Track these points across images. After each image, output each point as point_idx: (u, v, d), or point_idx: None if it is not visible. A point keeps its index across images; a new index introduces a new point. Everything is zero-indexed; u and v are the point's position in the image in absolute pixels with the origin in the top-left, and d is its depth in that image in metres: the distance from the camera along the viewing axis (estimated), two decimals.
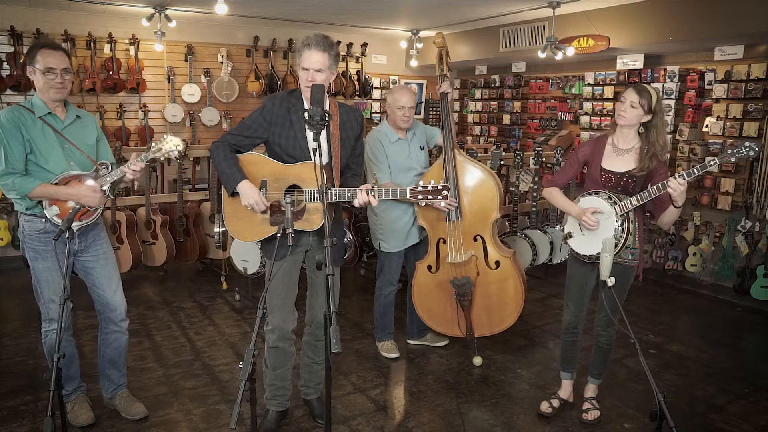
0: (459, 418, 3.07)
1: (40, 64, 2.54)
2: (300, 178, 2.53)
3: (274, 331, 2.72)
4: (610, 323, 2.95)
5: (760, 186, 4.71)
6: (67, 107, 2.72)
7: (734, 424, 3.09)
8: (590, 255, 2.83)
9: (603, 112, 6.01)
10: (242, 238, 2.72)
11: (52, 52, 2.57)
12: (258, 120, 2.59)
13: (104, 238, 2.87)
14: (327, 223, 1.98)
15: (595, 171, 2.86)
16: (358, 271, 5.71)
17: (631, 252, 2.83)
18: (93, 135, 2.80)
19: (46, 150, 2.60)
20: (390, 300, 3.79)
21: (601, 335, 3.01)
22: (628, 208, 2.69)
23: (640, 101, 2.69)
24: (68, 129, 2.68)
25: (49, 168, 2.61)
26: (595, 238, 2.77)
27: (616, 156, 2.82)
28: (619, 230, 2.71)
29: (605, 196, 2.76)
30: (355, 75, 7.17)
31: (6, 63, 5.38)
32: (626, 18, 5.10)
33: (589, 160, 2.91)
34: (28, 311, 4.52)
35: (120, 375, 3.01)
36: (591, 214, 2.76)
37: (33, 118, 2.60)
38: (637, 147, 2.78)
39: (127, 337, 2.97)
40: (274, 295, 2.67)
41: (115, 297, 2.86)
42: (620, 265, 2.82)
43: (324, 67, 2.47)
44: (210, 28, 6.40)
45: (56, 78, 2.57)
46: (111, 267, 2.86)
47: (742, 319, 4.76)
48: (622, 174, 2.78)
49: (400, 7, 5.62)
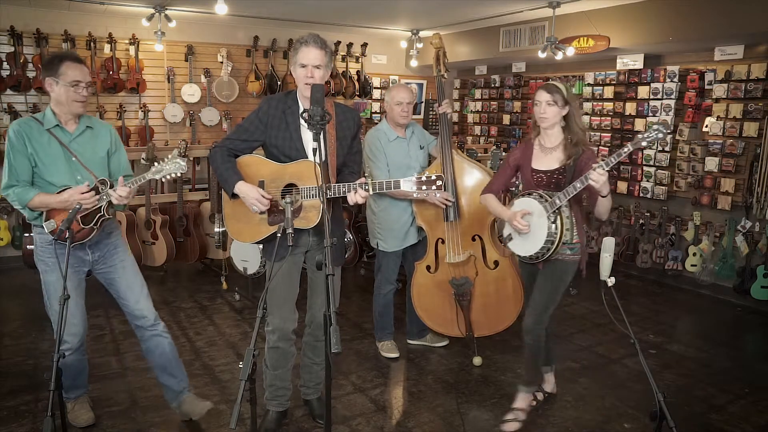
0: (459, 418, 3.07)
1: (65, 77, 2.51)
2: (296, 177, 2.54)
3: (275, 331, 2.72)
4: (537, 321, 2.89)
5: (760, 186, 4.71)
6: (80, 119, 2.66)
7: (734, 424, 3.09)
8: (528, 256, 2.83)
9: (603, 112, 6.01)
10: (242, 239, 2.73)
11: (78, 65, 2.55)
12: (255, 122, 2.62)
13: (120, 246, 2.80)
14: (327, 223, 1.98)
15: (527, 173, 2.89)
16: (358, 271, 5.71)
17: (569, 247, 2.81)
18: (104, 147, 2.71)
19: (50, 163, 2.57)
20: (389, 299, 3.79)
21: (525, 332, 2.94)
22: (557, 205, 2.68)
23: (553, 98, 2.73)
24: (76, 141, 2.63)
25: (54, 182, 2.57)
26: (530, 239, 2.80)
27: (545, 155, 2.85)
28: (553, 227, 2.70)
29: (537, 195, 2.77)
30: (355, 75, 7.17)
31: (6, 63, 5.38)
32: (626, 18, 5.10)
33: (521, 163, 2.93)
34: (28, 311, 4.52)
35: (177, 381, 2.89)
36: (521, 217, 2.77)
37: (41, 131, 2.57)
38: (562, 142, 2.81)
39: (169, 340, 2.86)
40: (274, 296, 2.67)
41: (139, 305, 2.78)
42: (560, 261, 2.82)
43: (322, 64, 2.50)
44: (210, 28, 6.40)
45: (82, 91, 2.55)
46: (130, 275, 2.79)
47: (742, 319, 4.76)
48: (552, 172, 2.81)
49: (400, 7, 5.62)
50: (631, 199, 5.83)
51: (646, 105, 5.57)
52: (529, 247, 2.81)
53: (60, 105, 2.58)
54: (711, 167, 5.09)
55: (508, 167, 3.01)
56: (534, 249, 2.78)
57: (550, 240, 2.72)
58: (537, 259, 2.81)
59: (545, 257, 2.78)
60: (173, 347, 2.89)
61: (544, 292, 2.89)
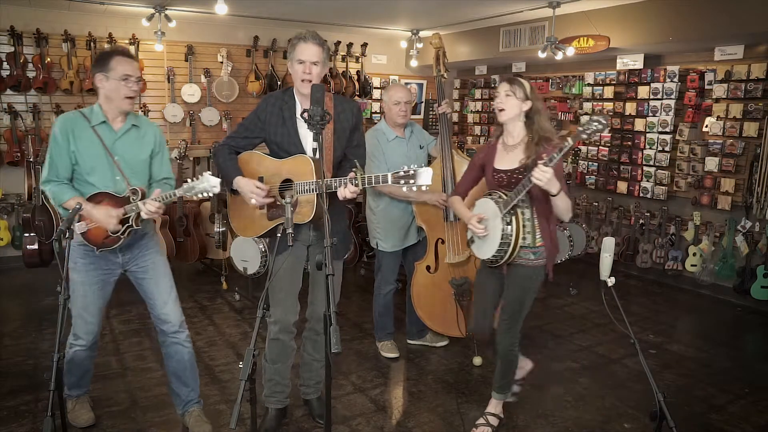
0: (459, 418, 3.07)
1: (116, 72, 2.48)
2: (292, 173, 2.56)
3: (276, 323, 2.75)
4: (509, 329, 2.80)
5: (760, 186, 4.71)
6: (128, 116, 2.62)
7: (734, 424, 3.09)
8: (485, 259, 2.75)
9: (603, 112, 6.00)
10: (245, 234, 2.79)
11: (129, 60, 2.52)
12: (254, 120, 2.67)
13: (153, 248, 2.76)
14: (327, 223, 1.97)
15: (489, 173, 2.80)
16: (358, 271, 5.71)
17: (533, 251, 2.70)
18: (148, 148, 2.66)
19: (90, 162, 2.53)
20: (389, 299, 3.79)
21: (499, 343, 2.86)
22: (510, 204, 2.57)
23: (511, 89, 2.65)
24: (120, 141, 2.58)
25: (93, 181, 2.55)
26: (487, 241, 2.71)
27: (507, 153, 2.75)
28: (508, 229, 2.60)
29: (497, 196, 2.67)
30: (355, 75, 7.16)
31: (6, 63, 5.38)
32: (626, 18, 5.10)
33: (485, 163, 2.83)
34: (28, 311, 4.53)
35: (188, 391, 2.85)
36: (477, 221, 2.70)
37: (85, 127, 2.53)
38: (525, 140, 2.70)
39: (189, 350, 2.82)
40: (277, 289, 2.72)
41: (164, 309, 2.73)
42: (523, 266, 2.71)
43: (319, 61, 2.53)
44: (210, 28, 6.39)
45: (132, 86, 2.52)
46: (161, 278, 2.74)
47: (742, 319, 4.76)
48: (512, 171, 2.70)
49: (400, 7, 5.62)
50: (631, 199, 5.83)
51: (646, 105, 5.57)
52: (486, 250, 2.71)
53: (109, 101, 2.54)
54: (711, 167, 5.09)
55: (474, 167, 2.91)
56: (490, 252, 2.68)
57: (505, 242, 2.61)
58: (496, 262, 2.71)
59: (504, 260, 2.67)
60: (192, 357, 2.84)
61: (512, 301, 2.78)
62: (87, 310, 2.67)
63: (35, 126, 5.50)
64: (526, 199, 2.64)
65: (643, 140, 5.65)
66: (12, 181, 5.51)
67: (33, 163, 4.83)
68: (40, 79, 5.48)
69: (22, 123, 5.42)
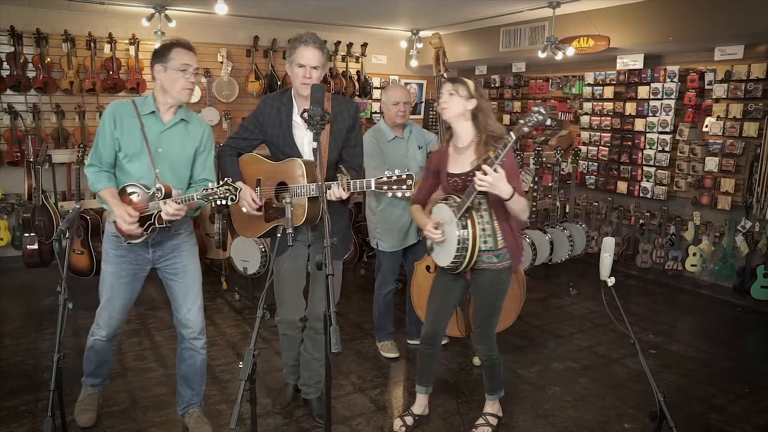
0: (459, 418, 3.07)
1: (174, 62, 2.46)
2: (286, 176, 2.59)
3: (282, 322, 2.94)
4: (485, 335, 2.76)
5: (760, 186, 4.71)
6: (179, 110, 2.59)
7: (734, 424, 3.09)
8: (446, 266, 2.66)
9: (603, 112, 6.01)
10: (244, 234, 2.86)
11: (188, 51, 2.50)
12: (253, 122, 2.72)
13: (186, 251, 2.70)
14: (327, 223, 1.98)
15: (443, 178, 2.72)
16: (358, 271, 5.71)
17: (495, 254, 2.62)
18: (193, 144, 2.60)
19: (132, 152, 2.50)
20: (389, 300, 3.79)
21: (478, 350, 2.83)
22: (462, 208, 2.51)
23: (454, 87, 2.57)
24: (167, 133, 2.54)
25: (131, 171, 2.52)
26: (445, 248, 2.63)
27: (459, 156, 2.67)
28: (464, 233, 2.52)
29: (452, 200, 2.60)
30: (355, 75, 7.16)
31: (6, 63, 5.38)
32: (626, 18, 5.10)
33: (439, 168, 2.74)
34: (28, 311, 4.53)
35: (193, 394, 2.85)
36: (433, 227, 2.64)
37: (133, 116, 2.51)
38: (475, 141, 2.64)
39: (203, 357, 2.80)
40: (280, 289, 2.84)
41: (188, 315, 2.70)
42: (488, 271, 2.65)
43: (319, 64, 2.54)
44: (210, 28, 6.39)
45: (190, 77, 2.49)
46: (189, 283, 2.70)
47: (742, 319, 4.76)
48: (466, 174, 2.60)
49: (400, 7, 5.62)
50: (631, 199, 5.83)
51: (646, 105, 5.57)
52: (445, 257, 2.63)
53: (164, 93, 2.52)
54: (711, 167, 5.09)
55: (429, 174, 2.83)
56: (449, 258, 2.59)
57: (462, 247, 2.53)
58: (456, 269, 2.61)
59: (464, 266, 2.59)
60: (204, 364, 2.84)
61: (483, 307, 2.73)
62: (112, 304, 2.67)
63: (35, 126, 5.50)
64: (483, 202, 2.59)
65: (643, 140, 5.65)
66: (12, 181, 5.51)
67: (33, 163, 4.82)
68: (40, 79, 5.49)
69: (22, 123, 5.42)
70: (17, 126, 5.41)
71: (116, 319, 2.73)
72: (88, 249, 4.65)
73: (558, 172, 5.22)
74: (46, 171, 4.89)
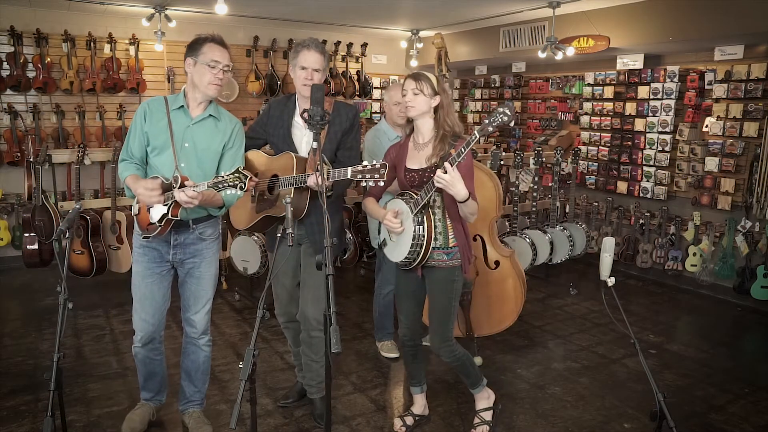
0: (459, 418, 3.07)
1: (205, 56, 2.47)
2: (279, 169, 2.68)
3: (280, 316, 3.02)
4: (442, 335, 2.71)
5: (760, 186, 4.71)
6: (210, 106, 2.59)
7: (734, 424, 3.09)
8: (398, 262, 2.66)
9: (603, 112, 6.01)
10: (237, 225, 2.97)
11: (220, 47, 2.50)
12: (259, 122, 2.90)
13: (208, 258, 2.69)
14: (327, 223, 1.98)
15: (401, 172, 2.70)
16: (358, 271, 5.71)
17: (446, 252, 2.61)
18: (221, 139, 2.58)
19: (158, 145, 2.52)
20: (389, 300, 3.79)
21: (438, 355, 2.77)
22: (419, 204, 2.49)
23: (419, 86, 2.52)
24: (194, 128, 2.55)
25: (157, 164, 2.53)
26: (400, 242, 2.62)
27: (418, 152, 2.65)
28: (419, 229, 2.51)
29: (408, 196, 2.59)
30: (355, 75, 7.16)
31: (6, 63, 5.38)
32: (626, 18, 5.10)
33: (396, 162, 2.72)
34: (28, 311, 4.52)
35: (194, 391, 2.85)
36: (393, 216, 2.60)
37: (163, 112, 2.53)
38: (433, 137, 2.62)
39: (206, 354, 2.82)
40: (275, 285, 2.94)
41: (195, 317, 2.73)
42: (438, 268, 2.63)
43: (321, 68, 2.65)
44: (210, 28, 6.28)
45: (218, 73, 2.48)
46: (202, 288, 2.70)
47: (742, 319, 4.76)
48: (423, 170, 2.59)
49: (400, 7, 5.62)
50: (631, 199, 5.83)
51: (646, 105, 5.57)
52: (399, 252, 2.62)
53: (194, 87, 2.53)
54: (711, 167, 5.09)
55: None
56: (403, 254, 2.59)
57: (417, 243, 2.52)
58: (409, 264, 2.61)
59: (417, 263, 2.58)
60: (207, 360, 2.84)
61: (437, 308, 2.70)
62: (142, 305, 2.66)
63: (35, 126, 5.50)
64: (438, 199, 2.58)
65: (643, 140, 5.65)
66: (12, 181, 5.51)
67: (33, 163, 4.82)
68: (40, 79, 5.49)
69: (22, 123, 5.42)
70: (17, 126, 5.41)
71: (149, 323, 2.69)
72: (88, 249, 4.64)
73: (558, 172, 5.22)
74: (46, 171, 4.89)
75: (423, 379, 2.99)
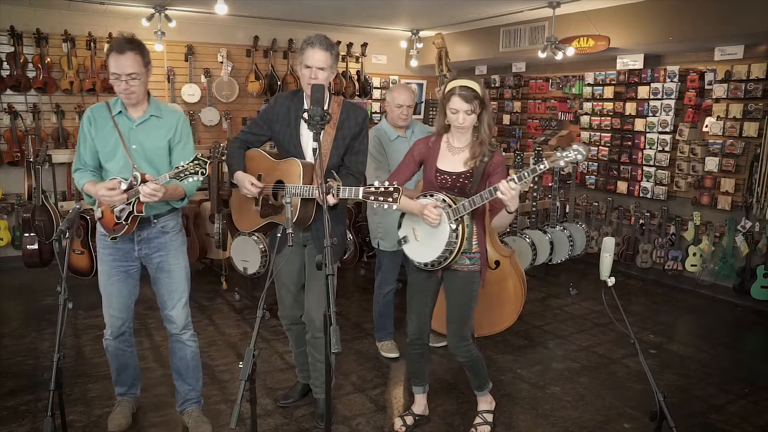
0: (459, 418, 3.07)
1: (109, 68, 2.47)
2: (284, 174, 2.63)
3: (283, 318, 3.01)
4: (460, 336, 2.72)
5: (760, 186, 4.71)
6: (150, 105, 2.58)
7: (734, 424, 3.09)
8: (424, 263, 2.63)
9: (603, 112, 6.01)
10: (240, 226, 2.94)
11: (117, 56, 2.41)
12: (263, 117, 2.79)
13: (174, 250, 2.70)
14: (327, 223, 1.98)
15: (430, 172, 2.65)
16: (358, 271, 5.71)
17: (469, 257, 2.64)
18: (165, 136, 2.58)
19: (107, 150, 2.55)
20: (389, 300, 3.79)
21: (455, 354, 2.79)
22: (461, 213, 2.49)
23: (471, 107, 2.49)
24: (137, 130, 2.55)
25: (110, 169, 2.56)
26: (429, 244, 2.59)
27: (452, 155, 2.63)
28: (453, 235, 2.51)
29: (440, 198, 2.55)
30: (355, 75, 7.17)
31: (6, 63, 5.38)
32: (626, 18, 5.10)
33: (425, 159, 2.68)
34: (28, 311, 4.53)
35: (189, 389, 2.86)
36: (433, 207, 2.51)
37: (106, 117, 2.55)
38: (471, 141, 2.61)
39: (192, 349, 2.83)
40: (278, 287, 2.92)
41: (172, 312, 2.73)
42: (460, 272, 2.65)
43: (326, 66, 2.58)
44: (210, 28, 6.40)
45: (121, 85, 2.44)
46: (174, 281, 2.71)
47: (742, 319, 4.76)
48: (458, 174, 2.58)
49: (400, 7, 5.62)
50: (631, 199, 5.83)
51: (646, 105, 5.57)
52: (428, 253, 2.59)
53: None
54: (711, 167, 5.09)
55: (412, 161, 2.73)
56: (433, 255, 2.57)
57: (449, 249, 2.52)
58: (433, 266, 2.61)
59: (442, 266, 2.59)
60: (195, 356, 2.85)
61: (457, 307, 2.71)
62: (109, 302, 2.69)
63: (35, 126, 5.50)
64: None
65: (643, 140, 5.65)
66: (12, 181, 5.51)
67: (33, 163, 4.82)
68: (40, 79, 5.49)
69: (22, 123, 5.42)
70: (17, 126, 5.41)
71: (117, 318, 2.73)
72: (88, 249, 4.65)
73: (558, 172, 5.22)
74: (46, 171, 4.89)
75: (426, 379, 2.99)
